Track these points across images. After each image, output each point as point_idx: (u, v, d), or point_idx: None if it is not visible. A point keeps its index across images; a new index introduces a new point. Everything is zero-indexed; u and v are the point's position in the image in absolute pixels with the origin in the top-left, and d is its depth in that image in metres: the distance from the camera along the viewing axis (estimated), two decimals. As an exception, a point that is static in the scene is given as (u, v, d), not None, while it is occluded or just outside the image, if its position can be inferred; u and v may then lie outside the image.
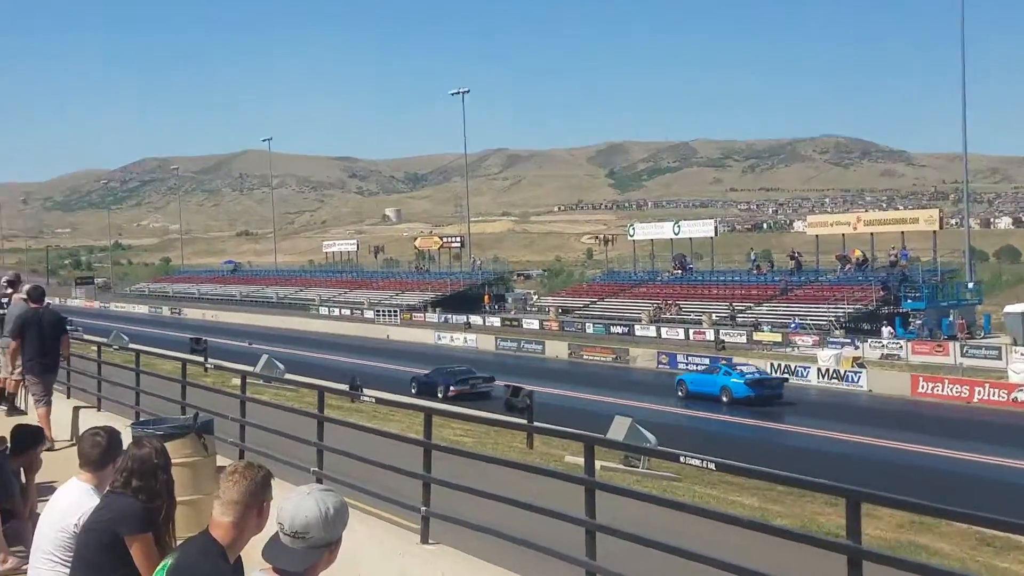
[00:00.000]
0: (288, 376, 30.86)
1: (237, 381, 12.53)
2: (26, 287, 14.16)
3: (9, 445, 7.96)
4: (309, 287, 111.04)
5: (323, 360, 52.06)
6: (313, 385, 11.87)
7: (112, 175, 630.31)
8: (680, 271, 77.41)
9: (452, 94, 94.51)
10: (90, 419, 12.51)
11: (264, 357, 31.89)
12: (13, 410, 13.93)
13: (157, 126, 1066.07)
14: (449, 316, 79.88)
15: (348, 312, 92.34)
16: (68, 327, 14.21)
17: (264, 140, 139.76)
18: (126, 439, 5.59)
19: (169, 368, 14.93)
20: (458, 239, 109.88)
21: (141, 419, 10.95)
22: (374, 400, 13.33)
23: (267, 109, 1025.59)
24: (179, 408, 11.48)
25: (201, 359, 30.56)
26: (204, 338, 39.79)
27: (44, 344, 12.87)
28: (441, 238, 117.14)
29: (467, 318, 77.10)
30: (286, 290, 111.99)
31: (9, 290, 15.45)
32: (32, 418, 12.33)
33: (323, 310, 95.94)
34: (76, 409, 13.92)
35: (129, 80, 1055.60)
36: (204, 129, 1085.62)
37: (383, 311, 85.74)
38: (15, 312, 13.30)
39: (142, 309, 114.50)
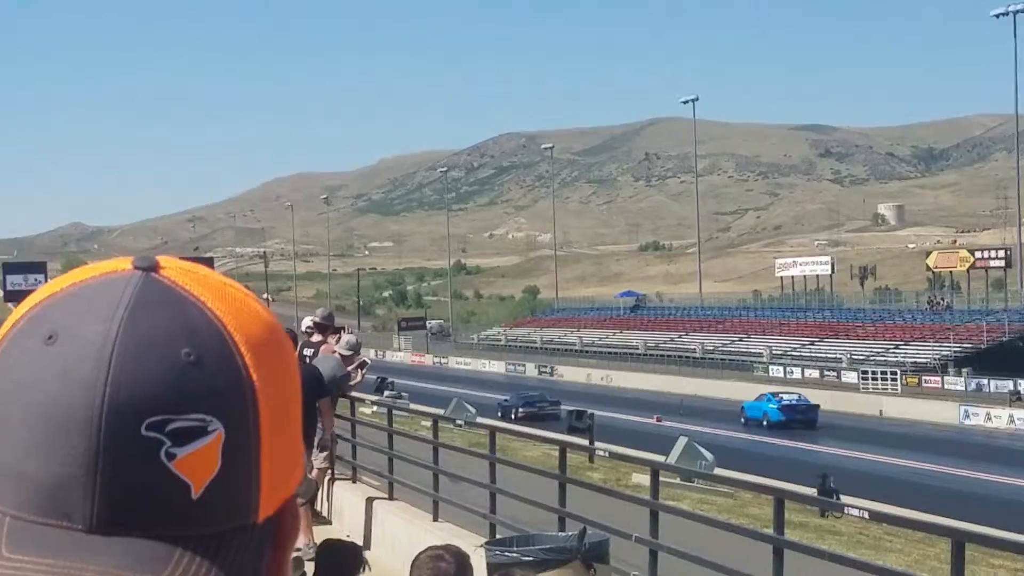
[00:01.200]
0: (719, 471, 25.06)
1: (641, 478, 8.74)
2: (347, 336, 11.27)
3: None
4: (753, 334, 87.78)
5: (777, 448, 41.51)
6: (763, 488, 7.72)
7: (453, 159, 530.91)
8: None
9: (996, 15, 71.78)
10: (423, 533, 10.22)
11: (682, 441, 24.39)
12: (313, 515, 11.44)
13: (520, 86, 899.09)
14: (984, 381, 61.62)
15: (816, 374, 72.24)
16: (350, 383, 12.52)
17: (685, 101, 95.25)
18: (477, 566, 4.61)
19: (536, 456, 11.19)
20: (1001, 254, 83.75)
21: (498, 536, 8.99)
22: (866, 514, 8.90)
23: (686, 56, 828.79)
24: (555, 518, 9.22)
25: (585, 442, 26.74)
26: (589, 411, 32.44)
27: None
28: (972, 253, 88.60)
29: (1015, 384, 58.13)
30: (717, 339, 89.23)
31: (316, 337, 13.03)
32: (336, 530, 11.14)
33: (775, 370, 75.17)
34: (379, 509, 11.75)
35: (475, 29, 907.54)
36: (590, 90, 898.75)
37: (874, 373, 67.45)
38: (328, 369, 11.54)
39: (495, 366, 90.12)
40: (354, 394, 30.69)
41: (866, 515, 7.25)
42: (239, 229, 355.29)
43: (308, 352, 12.62)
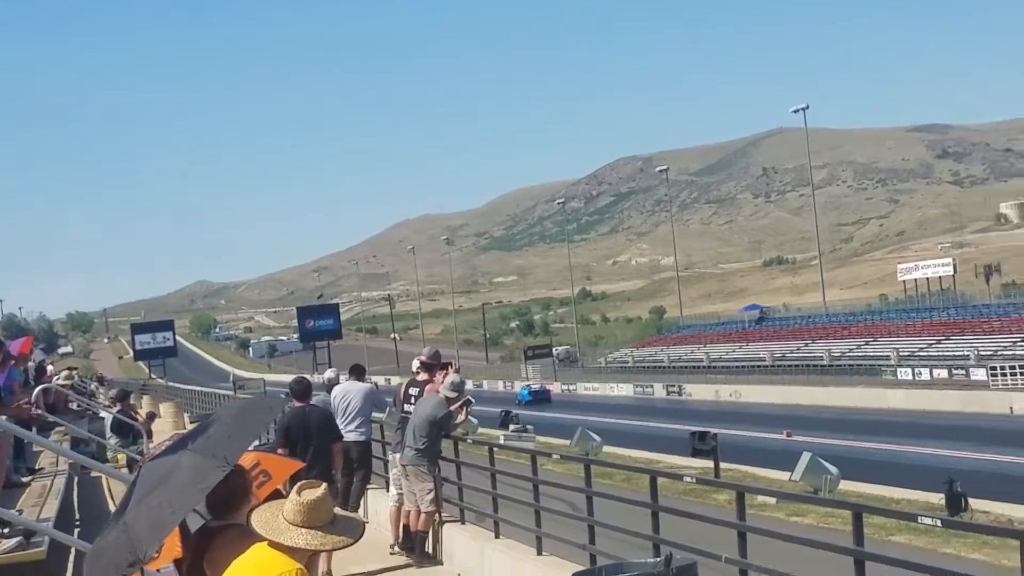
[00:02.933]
0: (844, 486, 24.79)
1: (764, 497, 8.75)
2: (450, 376, 11.58)
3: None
4: (879, 338, 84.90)
5: (907, 455, 39.23)
6: (850, 505, 7.78)
7: (571, 190, 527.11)
8: None
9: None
10: (528, 566, 10.80)
11: (806, 456, 23.96)
12: (424, 557, 11.60)
13: (633, 108, 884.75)
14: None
15: (944, 373, 69.41)
16: (454, 423, 12.62)
17: (795, 111, 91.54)
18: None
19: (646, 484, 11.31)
20: None
21: (597, 564, 9.07)
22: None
23: (795, 66, 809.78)
24: (650, 545, 9.14)
25: (707, 464, 26.52)
26: (711, 432, 29.54)
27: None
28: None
29: None
30: (843, 345, 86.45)
31: (423, 375, 13.47)
32: (447, 571, 11.82)
33: (903, 372, 72.62)
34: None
35: (583, 55, 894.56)
36: (702, 107, 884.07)
37: (1003, 368, 63.85)
38: (427, 410, 12.21)
39: (624, 389, 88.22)
40: (482, 429, 30.49)
41: (939, 523, 7.20)
42: (363, 275, 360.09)
43: (414, 391, 13.02)
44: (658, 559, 7.52)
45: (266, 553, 3.76)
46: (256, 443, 12.37)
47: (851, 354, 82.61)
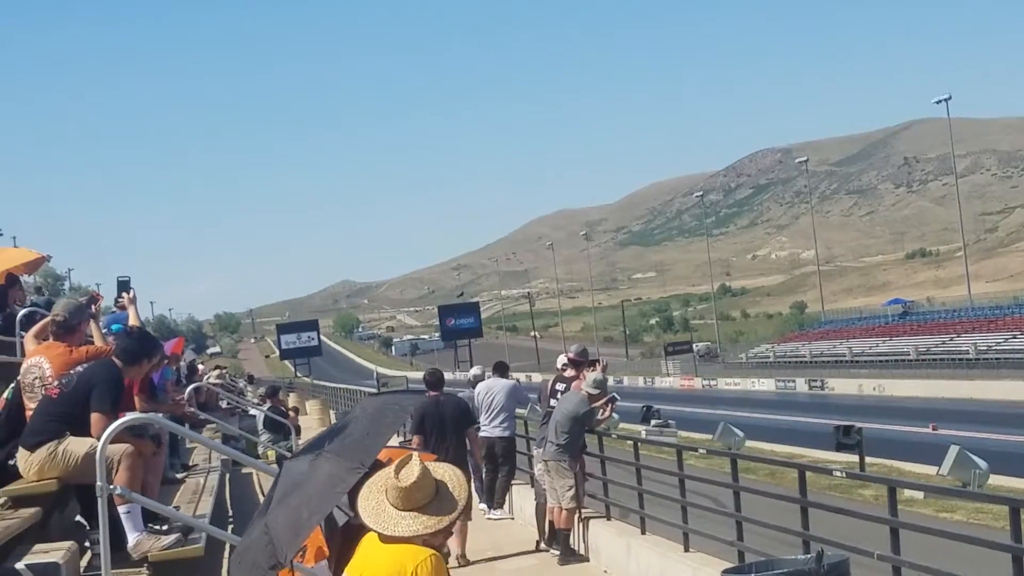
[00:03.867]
0: (994, 480, 23.42)
1: (912, 491, 8.68)
2: (592, 374, 11.64)
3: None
4: None
5: None
6: (1007, 500, 7.51)
7: (710, 182, 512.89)
8: None
9: None
10: (675, 564, 10.56)
11: (954, 450, 22.59)
12: (568, 553, 11.53)
13: (772, 98, 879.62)
14: None
15: None
16: (598, 419, 12.65)
17: (937, 101, 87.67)
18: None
19: (792, 480, 11.10)
20: None
21: (746, 562, 8.85)
22: None
23: (938, 54, 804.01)
24: (799, 541, 9.00)
25: (852, 458, 25.62)
26: (856, 426, 28.48)
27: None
28: None
29: None
30: (990, 338, 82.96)
31: (570, 372, 13.48)
32: (592, 567, 11.71)
33: None
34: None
35: (722, 46, 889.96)
36: (842, 97, 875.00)
37: None
38: (568, 407, 12.24)
39: (765, 384, 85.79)
40: (624, 424, 30.28)
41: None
42: (503, 273, 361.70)
43: (560, 387, 13.06)
44: (809, 556, 7.34)
45: (395, 544, 3.68)
46: (398, 440, 12.56)
47: (998, 348, 79.51)
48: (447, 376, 13.99)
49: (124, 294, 9.71)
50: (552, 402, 12.88)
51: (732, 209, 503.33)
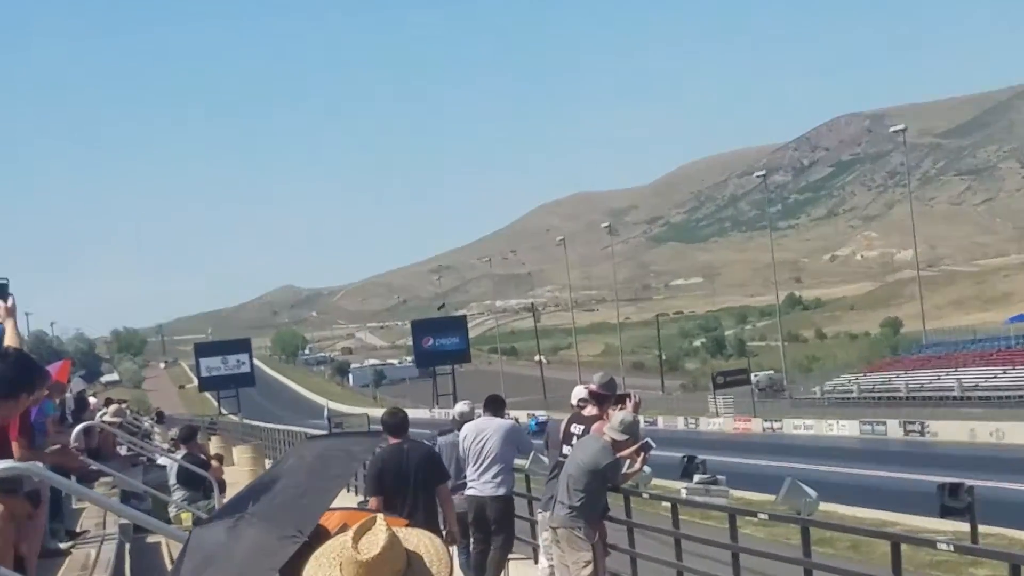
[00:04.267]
0: None
1: None
2: (620, 414, 11.58)
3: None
4: None
5: None
6: None
7: (774, 159, 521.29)
8: None
9: None
10: None
11: None
12: None
13: (860, 52, 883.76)
14: None
15: None
16: (624, 473, 12.55)
17: None
18: None
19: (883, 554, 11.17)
20: None
21: None
22: None
23: None
24: None
25: (961, 527, 25.45)
26: (967, 484, 26.78)
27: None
28: None
29: None
30: None
31: (590, 409, 13.69)
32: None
33: None
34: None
35: None
36: (949, 49, 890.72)
37: None
38: (586, 456, 12.16)
39: (846, 427, 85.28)
40: (659, 480, 30.34)
41: None
42: (498, 277, 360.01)
43: (577, 430, 12.92)
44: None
45: None
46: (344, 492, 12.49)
47: None
48: (422, 415, 13.98)
49: (0, 301, 9.50)
50: (565, 449, 12.80)
51: (804, 194, 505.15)
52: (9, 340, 8.71)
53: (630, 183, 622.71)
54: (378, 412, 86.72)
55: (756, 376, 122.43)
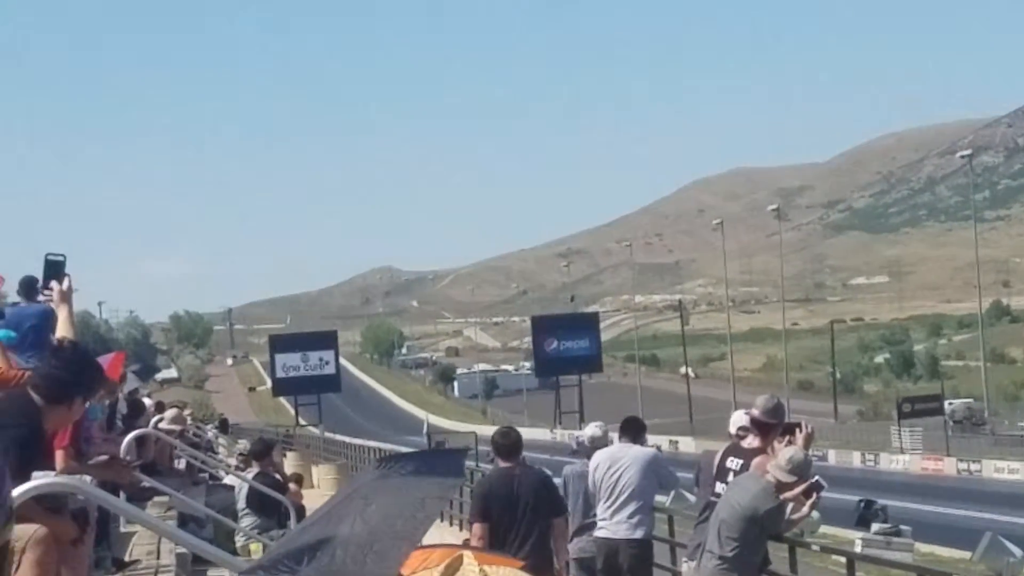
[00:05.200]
0: None
1: None
2: (788, 450, 11.47)
3: None
4: None
5: None
6: None
7: (983, 136, 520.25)
8: None
9: None
10: None
11: None
12: None
13: None
14: None
15: None
16: (790, 519, 12.38)
17: None
18: None
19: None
20: None
21: None
22: None
23: None
24: None
25: None
26: None
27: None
28: None
29: None
30: None
31: (751, 440, 12.87)
32: None
33: None
34: None
35: None
36: None
37: None
38: (743, 498, 11.95)
39: None
40: (827, 528, 30.22)
41: None
42: (640, 266, 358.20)
43: (733, 464, 12.72)
44: None
45: None
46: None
47: None
48: (541, 437, 14.02)
49: (53, 283, 9.22)
50: (718, 487, 12.72)
51: (1019, 179, 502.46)
52: (63, 330, 8.58)
53: (804, 158, 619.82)
54: (488, 430, 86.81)
55: (951, 404, 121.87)
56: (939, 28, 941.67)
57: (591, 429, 16.17)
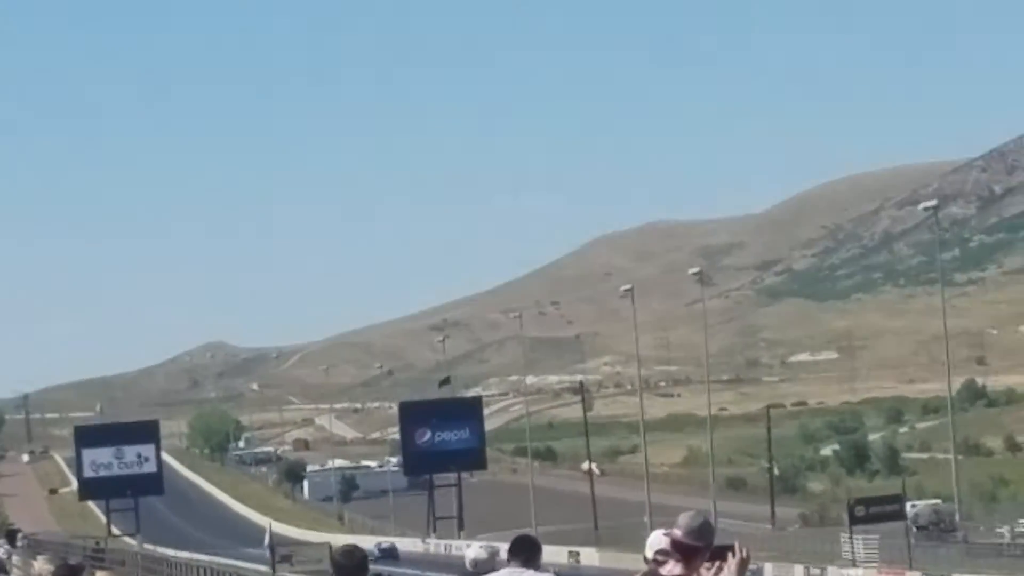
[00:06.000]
0: None
1: None
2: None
3: None
4: None
5: None
6: None
7: (951, 181, 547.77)
8: None
9: None
10: None
11: None
12: None
13: None
14: None
15: None
16: None
17: None
18: None
19: None
20: None
21: None
22: None
23: None
24: None
25: None
26: None
27: None
28: None
29: None
30: None
31: (671, 567, 12.10)
32: None
33: None
34: None
35: None
36: None
37: None
38: None
39: None
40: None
41: None
42: (532, 340, 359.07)
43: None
44: None
45: None
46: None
47: None
48: (412, 548, 13.64)
49: None
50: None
51: (995, 235, 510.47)
52: None
53: (733, 210, 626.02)
54: (343, 539, 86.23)
55: (914, 506, 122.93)
56: (899, 58, 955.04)
57: (473, 551, 15.86)
